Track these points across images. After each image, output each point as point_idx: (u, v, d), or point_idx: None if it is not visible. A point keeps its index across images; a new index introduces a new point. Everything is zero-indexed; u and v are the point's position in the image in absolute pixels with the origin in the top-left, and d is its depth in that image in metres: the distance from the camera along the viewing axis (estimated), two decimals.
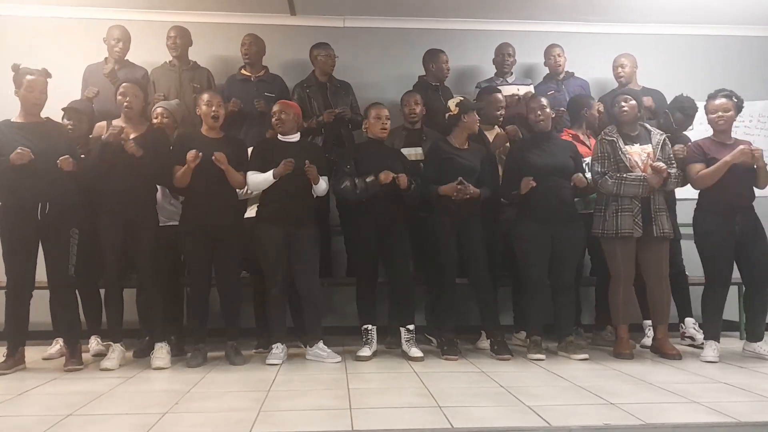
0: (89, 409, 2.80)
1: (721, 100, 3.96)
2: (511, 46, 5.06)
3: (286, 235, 3.84)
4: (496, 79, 5.05)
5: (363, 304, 4.06)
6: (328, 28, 5.36)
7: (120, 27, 4.69)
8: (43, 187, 3.57)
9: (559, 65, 5.02)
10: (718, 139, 4.00)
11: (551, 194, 3.93)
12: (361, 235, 4.02)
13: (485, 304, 4.05)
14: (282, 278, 3.86)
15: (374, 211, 3.95)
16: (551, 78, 5.09)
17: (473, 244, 4.01)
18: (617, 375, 3.48)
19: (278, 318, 3.90)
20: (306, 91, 4.77)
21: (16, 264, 3.60)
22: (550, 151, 4.02)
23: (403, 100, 4.51)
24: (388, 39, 5.41)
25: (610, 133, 4.04)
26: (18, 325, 3.64)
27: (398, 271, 4.03)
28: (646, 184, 3.87)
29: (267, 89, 4.77)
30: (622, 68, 4.92)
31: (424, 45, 5.13)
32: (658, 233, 3.90)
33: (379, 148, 4.10)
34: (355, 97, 4.91)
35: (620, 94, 4.10)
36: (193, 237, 3.80)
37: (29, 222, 3.59)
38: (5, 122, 3.67)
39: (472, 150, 4.13)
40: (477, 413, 2.69)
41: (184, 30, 4.85)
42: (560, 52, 5.04)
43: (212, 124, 3.87)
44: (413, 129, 4.47)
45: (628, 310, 4.05)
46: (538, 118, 4.06)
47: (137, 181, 3.71)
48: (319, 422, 2.58)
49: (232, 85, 4.81)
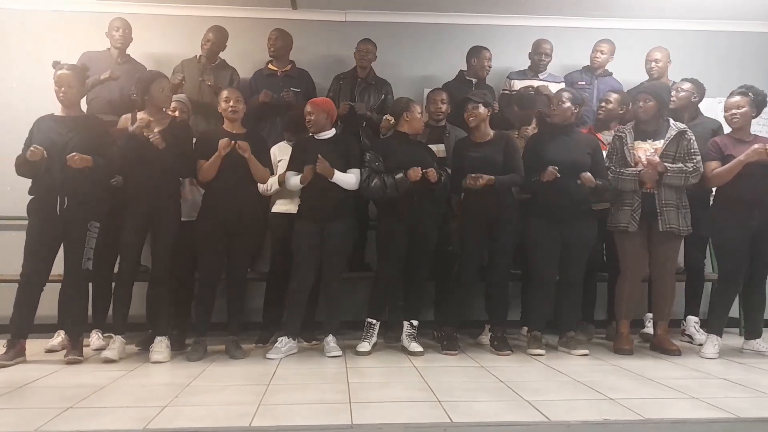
0: (90, 402, 2.81)
1: (735, 98, 3.95)
2: (550, 43, 4.97)
3: (320, 229, 3.87)
4: (528, 72, 5.01)
5: (378, 300, 4.06)
6: (330, 22, 5.36)
7: (121, 18, 4.70)
8: (62, 181, 3.60)
9: (603, 61, 4.97)
10: (737, 136, 3.97)
11: (562, 191, 3.89)
12: (391, 232, 3.98)
13: (496, 297, 4.05)
14: (306, 274, 3.86)
15: (405, 208, 3.92)
16: (588, 71, 5.04)
17: (502, 243, 3.97)
18: (617, 370, 3.49)
19: (295, 313, 3.91)
20: (339, 83, 4.80)
21: (35, 255, 3.62)
22: (566, 146, 3.96)
23: (429, 98, 4.47)
24: (390, 33, 5.39)
25: (624, 129, 4.03)
26: (25, 315, 3.64)
27: (418, 267, 4.02)
28: (638, 179, 3.87)
29: (293, 84, 4.75)
30: (656, 63, 4.85)
31: (426, 39, 5.13)
32: (665, 228, 3.88)
33: (408, 142, 4.07)
34: (392, 97, 4.79)
35: (641, 92, 4.03)
36: (210, 231, 3.80)
37: (51, 215, 3.62)
38: (47, 115, 3.75)
39: (493, 142, 4.03)
40: (476, 408, 2.70)
41: (220, 32, 4.81)
42: (605, 49, 4.98)
43: (232, 118, 3.89)
44: (437, 126, 4.43)
45: (632, 305, 4.05)
46: (552, 111, 4.03)
47: (161, 174, 3.73)
48: (319, 416, 2.58)
49: (259, 80, 4.80)
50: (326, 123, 4.01)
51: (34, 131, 3.69)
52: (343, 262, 4.04)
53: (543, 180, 3.85)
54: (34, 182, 3.70)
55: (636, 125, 4.05)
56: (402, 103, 4.11)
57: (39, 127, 3.69)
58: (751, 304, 4.08)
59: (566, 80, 4.92)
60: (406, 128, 4.05)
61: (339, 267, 3.98)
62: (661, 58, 4.88)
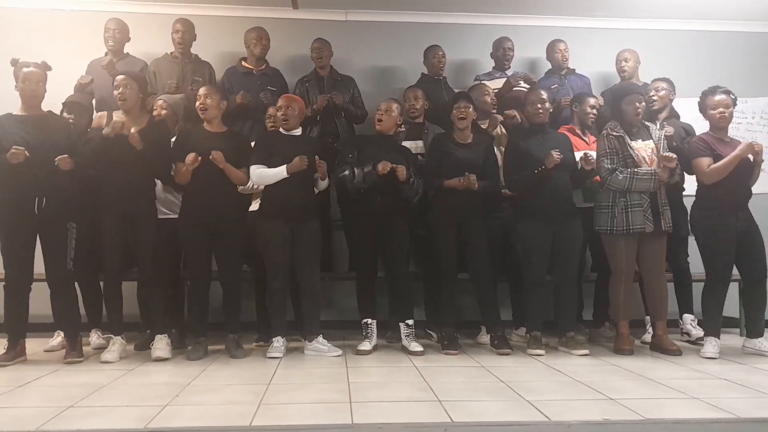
0: (90, 401, 2.81)
1: (721, 96, 3.96)
2: (510, 40, 5.07)
3: (290, 229, 3.85)
4: (495, 72, 5.05)
5: (362, 299, 4.07)
6: (331, 21, 5.36)
7: (116, 19, 4.70)
8: (40, 181, 3.56)
9: (565, 60, 5.03)
10: (718, 135, 3.99)
11: (552, 190, 3.92)
12: (359, 230, 4.02)
13: (485, 299, 4.05)
14: (284, 272, 3.86)
15: (371, 206, 3.95)
16: (554, 73, 5.09)
17: (474, 239, 4.01)
18: (617, 370, 3.49)
19: (279, 311, 3.91)
20: (305, 85, 4.82)
21: (13, 257, 3.60)
22: (548, 144, 3.98)
23: (404, 96, 4.52)
24: (390, 32, 5.40)
25: (616, 128, 4.00)
26: (17, 317, 3.64)
27: (396, 266, 4.03)
28: (657, 177, 3.87)
29: (269, 83, 4.77)
30: (626, 62, 4.94)
31: (426, 39, 5.13)
32: (666, 227, 3.90)
33: (385, 141, 4.09)
34: (358, 91, 4.92)
35: (635, 94, 4.03)
36: (192, 231, 3.79)
37: (26, 216, 3.58)
38: (6, 115, 3.66)
39: (474, 144, 4.10)
40: (477, 408, 2.70)
41: (190, 23, 4.83)
42: (565, 48, 5.05)
43: (205, 117, 3.85)
44: (414, 123, 4.47)
45: (629, 305, 4.05)
46: (537, 110, 4.04)
47: (137, 175, 3.71)
48: (319, 416, 2.58)
49: (234, 78, 4.79)
50: (298, 120, 4.01)
51: None
52: (318, 262, 4.02)
53: (549, 167, 3.85)
54: (3, 183, 3.60)
55: (623, 126, 4.01)
56: None
57: (4, 128, 3.58)
58: (752, 303, 4.07)
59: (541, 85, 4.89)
60: (379, 126, 4.08)
61: (316, 267, 3.97)
62: (630, 58, 4.95)
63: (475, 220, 4.04)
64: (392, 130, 4.10)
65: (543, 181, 3.90)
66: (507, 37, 5.09)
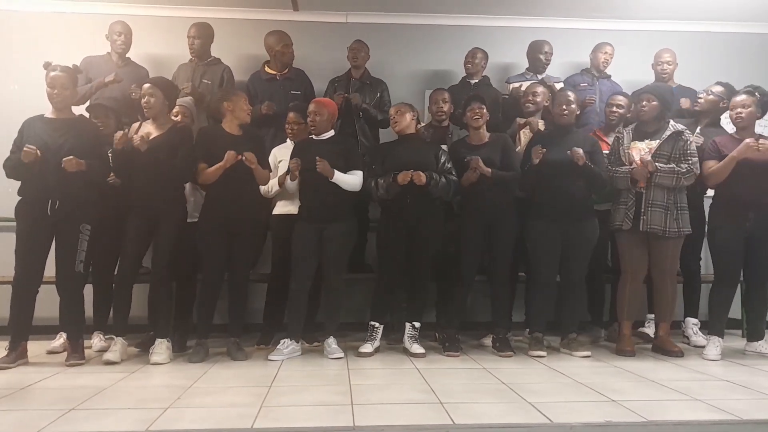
0: (91, 404, 2.81)
1: (741, 97, 3.95)
2: (549, 44, 4.96)
3: (318, 230, 3.88)
4: (527, 74, 4.99)
5: (380, 302, 4.07)
6: (331, 23, 5.36)
7: (121, 22, 4.70)
8: (55, 183, 3.59)
9: (607, 64, 4.98)
10: (740, 135, 3.95)
11: (563, 192, 3.90)
12: (391, 232, 3.99)
13: (499, 301, 4.06)
14: (305, 275, 3.87)
15: (403, 207, 3.93)
16: (588, 72, 5.03)
17: (502, 241, 3.99)
18: (619, 372, 3.48)
19: (296, 314, 3.92)
20: (334, 85, 4.79)
21: (26, 258, 3.62)
22: (566, 146, 3.91)
23: (431, 98, 4.48)
24: (391, 35, 5.40)
25: (624, 129, 4.05)
26: (22, 318, 3.65)
27: (419, 268, 4.01)
28: (629, 176, 3.87)
29: (293, 87, 4.74)
30: (668, 64, 4.86)
31: (427, 40, 5.14)
32: (645, 228, 3.86)
33: (409, 141, 4.07)
34: (387, 95, 4.83)
35: (644, 93, 4.01)
36: (211, 233, 3.81)
37: (41, 217, 3.62)
38: (37, 117, 3.73)
39: (490, 144, 4.06)
40: (478, 410, 2.69)
41: (203, 28, 4.79)
42: (611, 52, 4.98)
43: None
44: (440, 126, 4.43)
45: (633, 306, 4.05)
46: (563, 111, 4.01)
47: (162, 179, 3.74)
48: (321, 418, 2.58)
49: (257, 84, 4.75)
50: (328, 124, 4.02)
51: (24, 133, 3.67)
52: (343, 264, 4.03)
53: (534, 163, 3.86)
54: (23, 184, 3.67)
55: (637, 126, 4.05)
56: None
57: (30, 129, 3.66)
58: (753, 306, 4.07)
59: (567, 82, 4.90)
60: (397, 128, 4.07)
61: (339, 268, 3.97)
62: (671, 59, 4.88)
63: (506, 221, 4.00)
64: (411, 127, 4.08)
65: (549, 180, 3.88)
66: (546, 41, 4.96)
